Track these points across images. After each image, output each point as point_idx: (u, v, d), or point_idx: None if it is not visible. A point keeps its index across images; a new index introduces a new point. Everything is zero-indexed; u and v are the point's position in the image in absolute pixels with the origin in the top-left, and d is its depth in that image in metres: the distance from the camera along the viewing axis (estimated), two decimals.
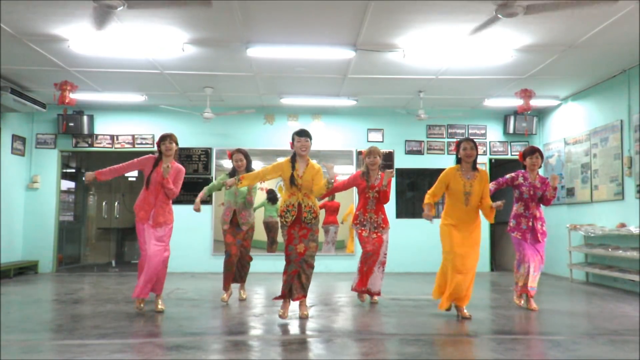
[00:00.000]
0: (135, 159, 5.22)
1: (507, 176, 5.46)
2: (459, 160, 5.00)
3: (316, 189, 4.72)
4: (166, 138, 5.14)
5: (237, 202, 5.73)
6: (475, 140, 5.05)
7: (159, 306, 5.15)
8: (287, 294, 4.77)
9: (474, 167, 4.92)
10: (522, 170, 5.47)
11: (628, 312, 5.35)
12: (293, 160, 4.76)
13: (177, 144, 5.20)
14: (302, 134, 4.75)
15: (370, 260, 5.46)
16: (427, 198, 4.98)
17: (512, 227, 5.42)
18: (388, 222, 5.61)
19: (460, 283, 4.78)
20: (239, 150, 5.77)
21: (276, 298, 4.91)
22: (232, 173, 5.82)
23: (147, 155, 5.23)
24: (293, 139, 4.76)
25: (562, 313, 5.32)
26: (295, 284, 4.74)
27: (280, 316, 4.71)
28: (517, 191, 5.40)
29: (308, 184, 4.70)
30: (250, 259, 5.95)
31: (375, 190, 5.47)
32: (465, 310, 4.88)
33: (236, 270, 5.81)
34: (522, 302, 5.44)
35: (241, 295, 5.97)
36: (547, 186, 5.36)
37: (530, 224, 5.32)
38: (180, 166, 5.23)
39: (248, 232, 5.78)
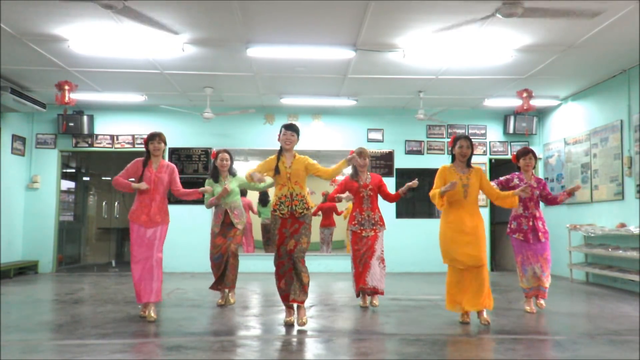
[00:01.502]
0: (128, 168, 5.00)
1: (502, 178, 5.42)
2: (453, 157, 4.89)
3: (324, 173, 4.67)
4: (155, 137, 4.99)
5: (227, 203, 5.67)
6: (472, 139, 4.92)
7: (152, 314, 4.80)
8: (288, 297, 4.56)
9: (468, 164, 4.83)
10: (517, 172, 5.43)
11: (628, 312, 5.35)
12: (279, 153, 4.70)
13: (165, 143, 5.07)
14: (290, 127, 4.66)
15: (365, 258, 5.40)
16: (432, 192, 4.80)
17: (512, 229, 5.35)
18: (384, 221, 5.60)
19: (470, 285, 4.62)
20: (225, 151, 5.78)
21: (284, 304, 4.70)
22: (214, 172, 5.77)
23: (134, 161, 5.05)
24: (280, 131, 4.68)
25: (562, 313, 5.32)
26: (295, 284, 4.53)
27: (286, 323, 4.57)
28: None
29: (298, 173, 4.61)
30: (237, 255, 5.68)
31: (368, 189, 5.50)
32: (485, 315, 4.65)
33: (223, 275, 5.60)
34: (533, 307, 5.28)
35: (230, 299, 5.66)
36: (545, 186, 5.39)
37: (531, 223, 5.26)
38: (172, 165, 5.14)
39: (240, 230, 5.69)
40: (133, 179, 4.95)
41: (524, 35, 5.88)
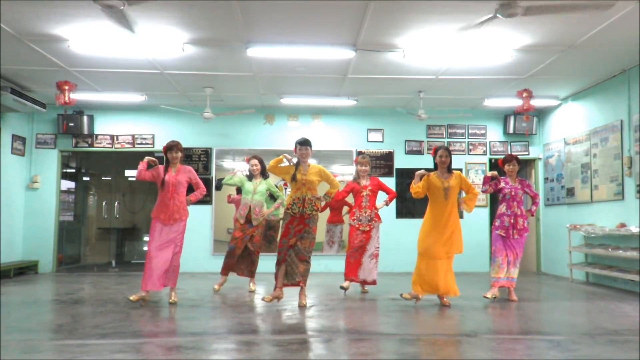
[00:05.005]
0: (152, 171, 5.64)
1: (490, 180, 6.12)
2: (435, 165, 5.73)
3: (332, 181, 5.59)
4: (173, 148, 5.65)
5: (253, 199, 6.48)
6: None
7: (173, 298, 5.66)
8: (278, 280, 5.42)
9: (449, 170, 5.68)
10: (503, 177, 6.18)
11: (628, 312, 5.35)
12: (297, 164, 5.53)
13: (182, 151, 5.73)
14: (304, 143, 5.49)
15: (357, 254, 6.33)
16: (411, 187, 5.71)
17: (497, 226, 6.09)
18: (380, 217, 6.50)
19: (440, 272, 5.47)
20: (254, 157, 6.65)
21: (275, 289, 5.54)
22: (250, 176, 6.64)
23: (156, 167, 5.68)
24: (296, 147, 5.51)
25: (562, 313, 5.33)
26: (290, 270, 5.39)
27: (262, 299, 5.51)
28: (500, 194, 6.11)
29: (312, 179, 5.46)
30: (258, 253, 6.62)
31: (368, 190, 6.43)
32: (445, 298, 5.58)
33: (245, 266, 6.56)
34: (491, 295, 5.86)
35: (250, 287, 6.66)
36: (529, 186, 6.13)
37: (512, 221, 5.97)
38: (189, 167, 5.83)
39: (258, 228, 6.53)
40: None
41: (524, 35, 5.88)
